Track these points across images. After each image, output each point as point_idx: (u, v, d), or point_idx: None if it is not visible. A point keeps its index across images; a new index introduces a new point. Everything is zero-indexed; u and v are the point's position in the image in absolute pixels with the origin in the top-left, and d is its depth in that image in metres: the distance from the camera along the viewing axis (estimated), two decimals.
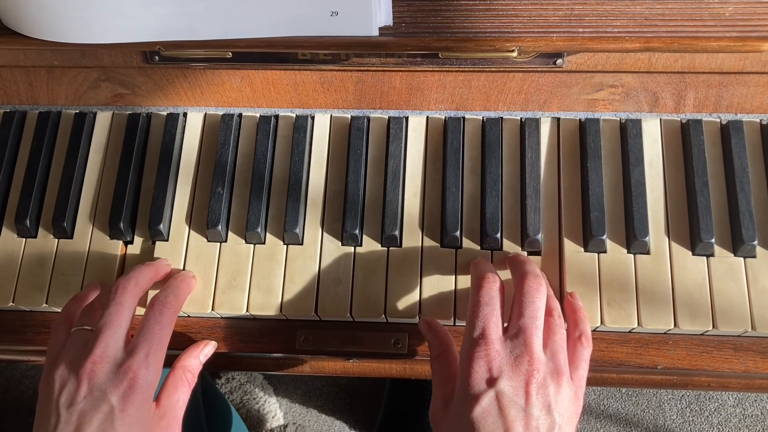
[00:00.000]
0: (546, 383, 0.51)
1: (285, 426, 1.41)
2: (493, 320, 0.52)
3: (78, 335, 0.55)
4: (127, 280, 0.57)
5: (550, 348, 0.53)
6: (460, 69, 0.63)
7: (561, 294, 0.60)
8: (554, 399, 0.51)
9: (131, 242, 0.65)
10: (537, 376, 0.50)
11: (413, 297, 0.61)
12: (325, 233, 0.64)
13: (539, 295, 0.54)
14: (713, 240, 0.60)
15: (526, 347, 0.51)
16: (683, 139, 0.64)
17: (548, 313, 0.55)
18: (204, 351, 0.61)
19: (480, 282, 0.55)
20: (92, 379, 0.51)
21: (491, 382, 0.50)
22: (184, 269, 0.63)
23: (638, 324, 0.59)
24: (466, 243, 0.62)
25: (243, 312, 0.62)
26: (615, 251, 0.61)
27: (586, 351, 0.55)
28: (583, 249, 0.62)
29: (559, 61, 0.62)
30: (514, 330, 0.52)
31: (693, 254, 0.61)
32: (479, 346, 0.51)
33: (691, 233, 0.61)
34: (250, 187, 0.65)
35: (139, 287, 0.57)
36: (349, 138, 0.66)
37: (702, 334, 0.60)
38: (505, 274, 0.59)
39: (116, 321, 0.54)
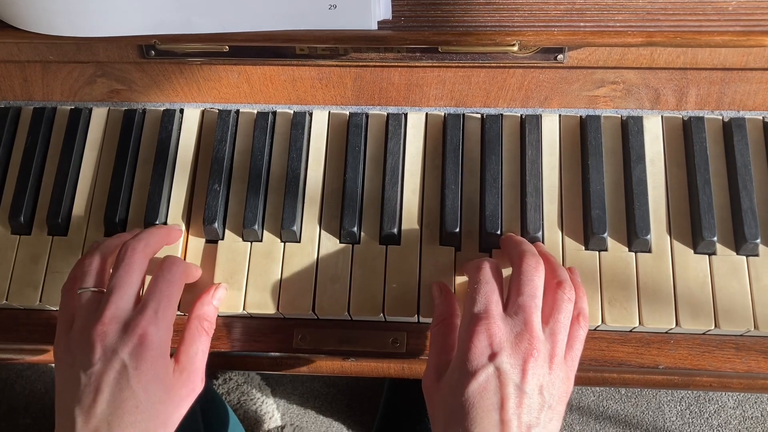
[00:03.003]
0: (542, 363, 0.50)
1: (282, 427, 1.40)
2: (494, 297, 0.52)
3: (84, 297, 0.54)
4: (137, 241, 0.56)
5: (550, 326, 0.52)
6: (460, 64, 0.63)
7: None
8: (548, 379, 0.51)
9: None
10: (536, 355, 0.50)
11: (412, 295, 0.60)
12: (322, 231, 0.63)
13: (537, 273, 0.53)
14: (715, 238, 0.59)
15: (527, 325, 0.51)
16: (685, 136, 0.64)
17: (559, 285, 0.54)
18: (216, 295, 0.60)
19: (479, 264, 0.55)
20: (104, 341, 0.51)
21: (491, 357, 0.50)
22: None
23: (639, 323, 0.58)
24: (466, 240, 0.62)
25: (240, 310, 0.61)
26: (616, 249, 0.61)
27: (582, 331, 0.55)
28: (584, 247, 0.61)
29: (560, 56, 0.61)
30: (514, 307, 0.52)
31: (695, 252, 0.60)
32: (481, 320, 0.51)
33: (693, 231, 0.61)
34: (247, 184, 0.64)
35: (149, 248, 0.57)
36: (348, 135, 0.65)
37: (704, 334, 0.60)
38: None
39: (126, 282, 0.54)
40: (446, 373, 0.52)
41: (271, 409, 1.40)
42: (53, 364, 0.57)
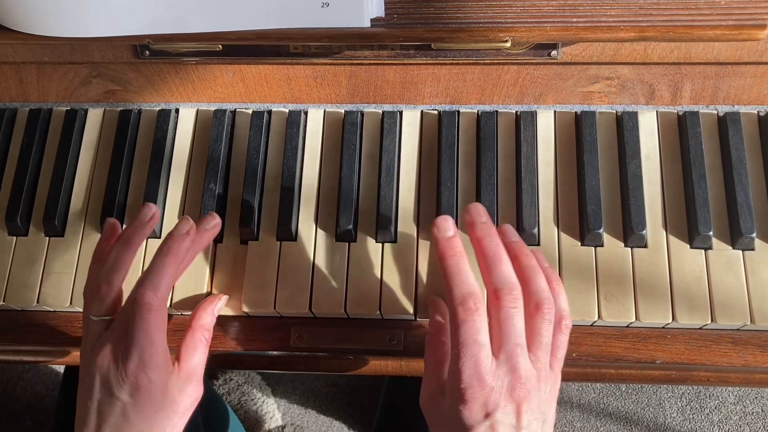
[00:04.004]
0: (534, 393, 0.51)
1: (283, 427, 1.40)
2: (482, 356, 0.50)
3: (92, 324, 0.55)
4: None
5: (534, 353, 0.52)
6: (454, 62, 0.63)
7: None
8: (538, 400, 0.51)
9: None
10: (529, 397, 0.50)
11: (409, 293, 0.60)
12: (319, 229, 0.63)
13: (518, 313, 0.51)
14: (711, 233, 0.59)
15: (515, 373, 0.50)
16: (680, 131, 0.64)
17: (537, 309, 0.52)
18: (217, 306, 0.60)
19: (464, 314, 0.50)
20: (101, 376, 0.52)
21: (488, 414, 0.49)
22: None
23: (636, 318, 0.58)
24: (462, 237, 0.62)
25: (236, 310, 0.61)
26: (612, 245, 0.61)
27: (565, 336, 0.54)
28: (579, 243, 0.61)
29: (553, 52, 0.61)
30: (502, 355, 0.50)
31: (691, 247, 0.60)
32: (473, 388, 0.49)
33: (688, 226, 0.61)
34: (243, 184, 0.64)
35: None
36: (343, 133, 0.65)
37: (700, 328, 0.60)
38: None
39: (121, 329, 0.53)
40: (443, 406, 0.52)
41: (272, 409, 1.40)
42: (52, 365, 0.57)
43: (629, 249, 0.60)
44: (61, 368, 1.38)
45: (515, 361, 0.50)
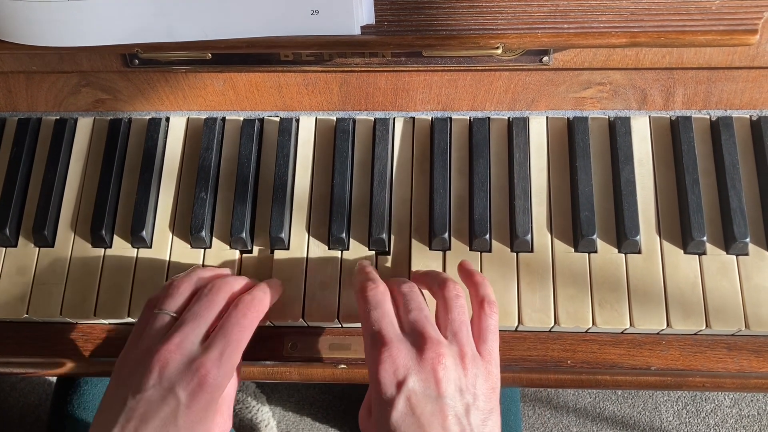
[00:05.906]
0: (453, 366, 0.49)
1: None
2: (385, 321, 0.51)
3: (159, 319, 0.52)
4: (224, 282, 0.54)
5: (449, 328, 0.52)
6: (446, 68, 0.62)
7: (554, 297, 0.59)
8: (465, 381, 0.50)
9: (110, 247, 0.64)
10: (443, 360, 0.49)
11: None
12: (311, 237, 0.63)
13: (415, 289, 0.55)
14: (705, 238, 0.59)
15: (424, 336, 0.50)
16: (673, 136, 0.64)
17: (441, 287, 0.54)
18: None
19: (362, 291, 0.54)
20: (164, 369, 0.49)
21: (401, 383, 0.49)
22: (167, 277, 0.62)
23: (630, 325, 0.58)
24: (455, 244, 0.61)
25: None
26: (606, 251, 0.60)
27: (490, 319, 0.53)
28: (573, 249, 0.61)
29: (545, 58, 0.61)
30: (407, 326, 0.52)
31: (685, 253, 0.60)
32: (379, 350, 0.49)
33: (682, 231, 0.61)
34: (234, 192, 0.64)
35: (233, 293, 0.55)
36: (335, 140, 0.65)
37: (695, 334, 0.59)
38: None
39: (202, 316, 0.52)
40: (373, 411, 0.51)
41: (267, 417, 1.40)
42: (46, 377, 0.56)
43: (623, 255, 0.60)
44: (53, 378, 1.37)
45: (421, 325, 0.51)
